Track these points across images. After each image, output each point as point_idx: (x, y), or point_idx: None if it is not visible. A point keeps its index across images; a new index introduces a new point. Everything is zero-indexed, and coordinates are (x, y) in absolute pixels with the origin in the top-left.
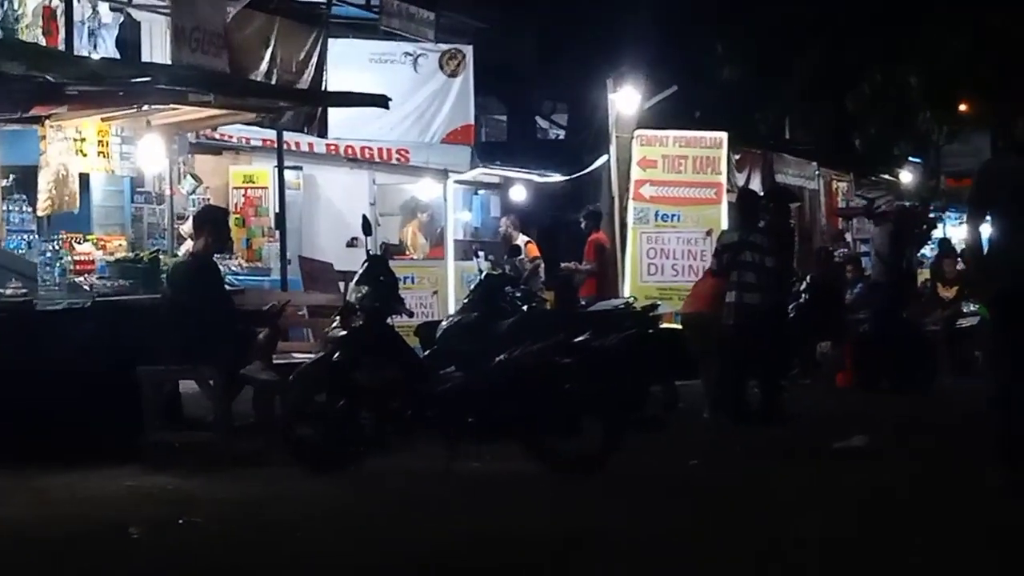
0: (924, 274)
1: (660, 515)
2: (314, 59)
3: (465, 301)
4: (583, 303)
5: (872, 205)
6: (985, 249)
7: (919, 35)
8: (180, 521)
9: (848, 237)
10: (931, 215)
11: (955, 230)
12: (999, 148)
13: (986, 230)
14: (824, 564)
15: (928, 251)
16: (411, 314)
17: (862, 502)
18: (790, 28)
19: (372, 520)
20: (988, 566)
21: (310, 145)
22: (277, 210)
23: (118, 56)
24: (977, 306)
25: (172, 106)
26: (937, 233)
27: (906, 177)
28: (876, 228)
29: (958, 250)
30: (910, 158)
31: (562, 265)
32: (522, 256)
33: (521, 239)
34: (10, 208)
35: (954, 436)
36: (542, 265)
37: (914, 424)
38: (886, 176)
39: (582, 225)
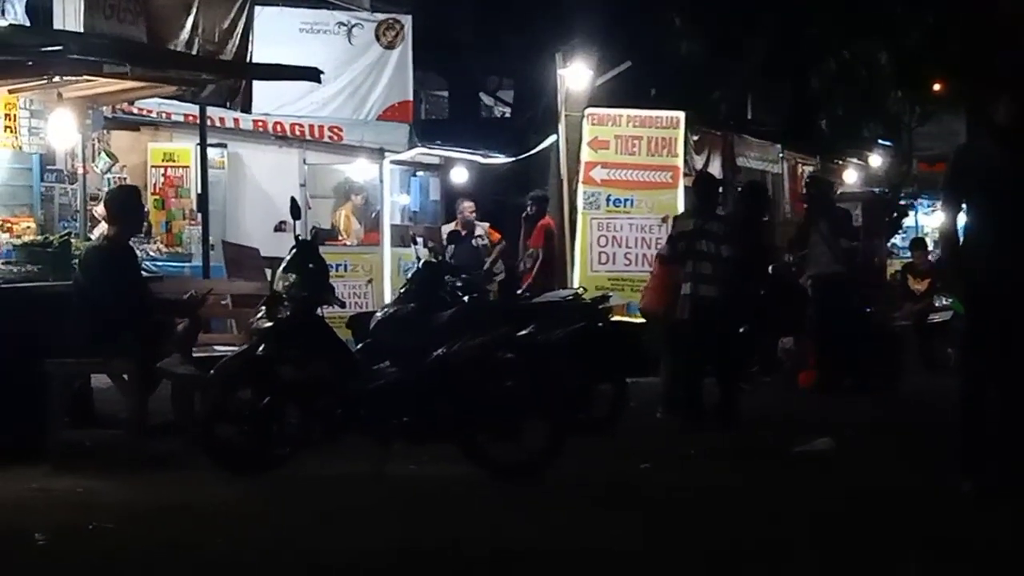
0: (894, 264)
1: (607, 526)
2: (239, 28)
3: (402, 291)
4: (527, 294)
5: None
6: (960, 239)
7: (885, 8)
8: (90, 527)
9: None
10: (902, 202)
11: (928, 218)
12: (974, 132)
13: (962, 219)
14: (780, 556)
15: (899, 240)
16: (343, 304)
17: (818, 498)
18: (744, 8)
19: (294, 529)
20: (951, 567)
21: (235, 121)
22: (199, 191)
23: (27, 23)
24: (951, 300)
25: (85, 78)
26: (909, 221)
27: (875, 161)
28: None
29: (930, 240)
30: (880, 141)
31: (528, 252)
32: (485, 242)
33: (482, 225)
34: None
35: (922, 439)
36: (502, 249)
37: (877, 426)
38: (854, 160)
39: (529, 210)
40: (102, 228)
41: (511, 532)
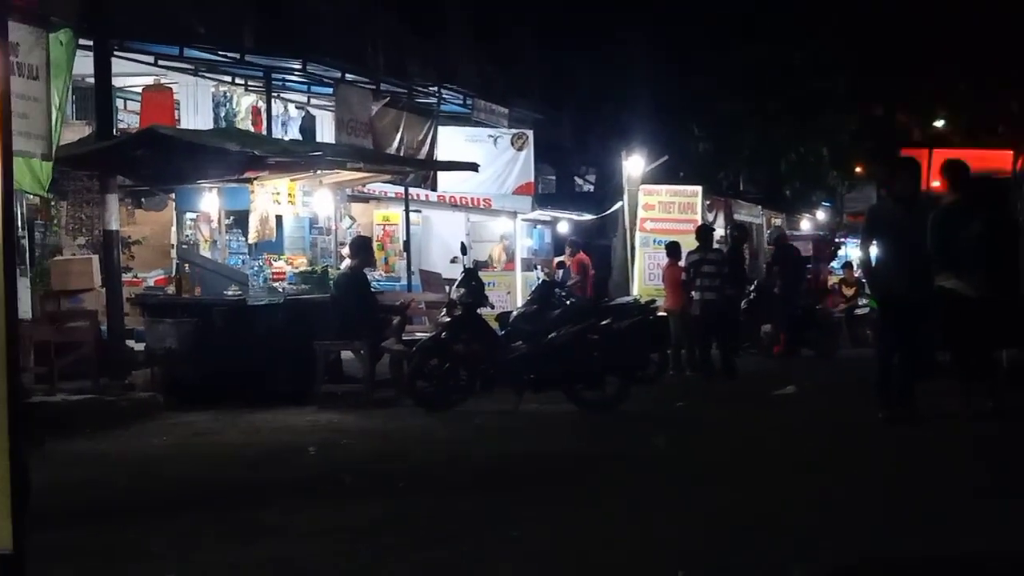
0: (834, 279)
1: (656, 438)
2: (428, 139)
3: (528, 298)
4: (606, 299)
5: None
6: (873, 264)
7: (825, 120)
8: (341, 442)
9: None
10: (836, 240)
11: (853, 251)
12: (881, 196)
13: (873, 251)
14: (763, 459)
15: (836, 264)
16: (493, 307)
17: (788, 426)
18: (739, 117)
19: (463, 442)
20: (870, 464)
21: (426, 196)
22: (405, 238)
23: (301, 138)
24: (868, 300)
25: (336, 171)
26: (841, 253)
27: (820, 215)
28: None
29: (855, 264)
30: (823, 203)
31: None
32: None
33: (580, 257)
34: (230, 238)
35: (852, 387)
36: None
37: (825, 379)
38: (807, 214)
39: (567, 251)
40: (347, 262)
41: (594, 444)
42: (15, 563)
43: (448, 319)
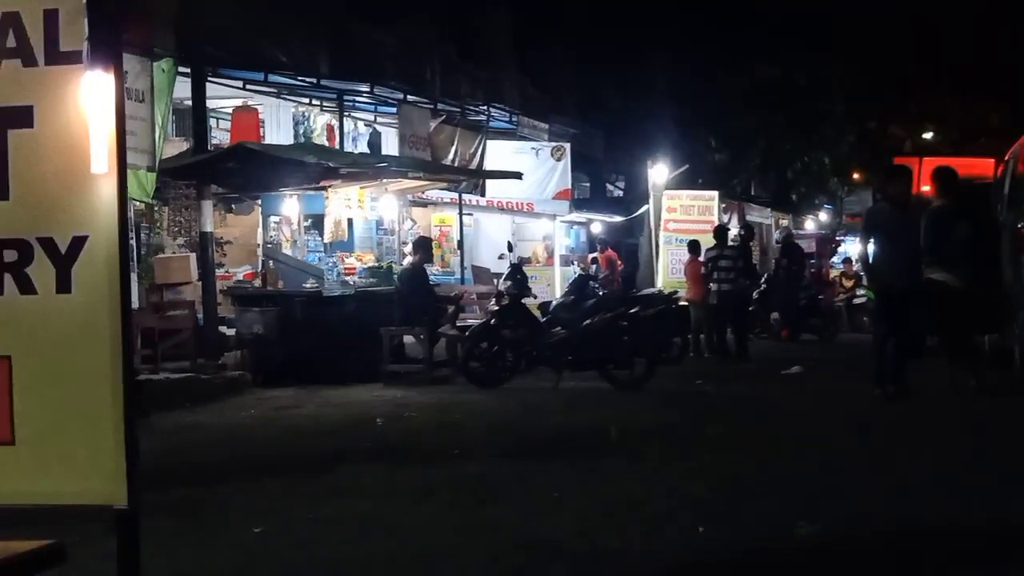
0: (835, 272)
1: (679, 413)
2: (479, 152)
3: (566, 290)
4: (634, 290)
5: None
6: (870, 259)
7: (826, 133)
8: (405, 415)
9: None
10: (837, 238)
11: (851, 247)
12: (876, 200)
13: (870, 248)
14: (772, 430)
15: (837, 259)
16: (535, 297)
17: (795, 401)
18: (751, 131)
19: (510, 415)
20: (866, 435)
21: (477, 201)
22: (458, 238)
23: (368, 151)
24: (867, 291)
25: (399, 179)
26: (841, 249)
27: (823, 216)
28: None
29: (854, 260)
30: (825, 205)
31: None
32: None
33: (608, 253)
34: (308, 238)
35: (851, 367)
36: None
37: (826, 360)
38: (811, 216)
39: (598, 248)
40: (409, 258)
41: (623, 417)
42: (130, 517)
43: (496, 308)
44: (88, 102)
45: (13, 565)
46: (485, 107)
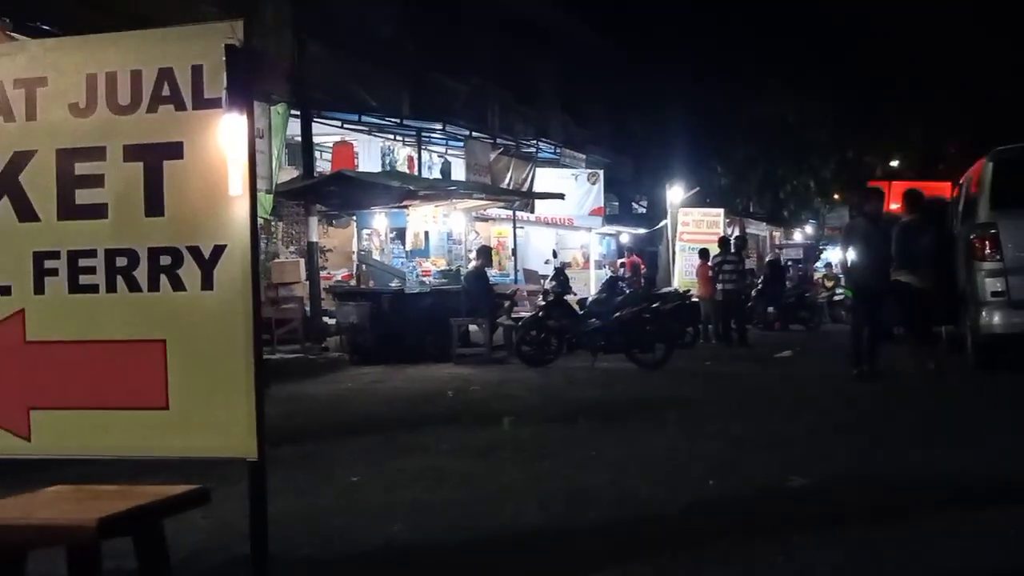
0: (818, 275)
1: (692, 388)
2: (530, 177)
3: (599, 289)
4: (653, 289)
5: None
6: (849, 264)
7: (812, 162)
8: (471, 388)
9: (781, 259)
10: (820, 247)
11: (832, 254)
12: (853, 215)
13: (850, 255)
14: (769, 401)
15: (820, 264)
16: (575, 294)
17: (787, 378)
18: (750, 159)
19: (555, 388)
20: (846, 405)
21: (527, 216)
22: (513, 247)
23: (441, 177)
24: (845, 289)
25: (465, 200)
26: (824, 256)
27: (808, 229)
28: (769, 257)
29: (834, 264)
30: (810, 220)
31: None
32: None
33: (632, 259)
34: (393, 246)
35: (832, 351)
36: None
37: (811, 345)
38: (798, 229)
39: (625, 254)
40: (473, 263)
41: (647, 391)
42: (259, 467)
43: (543, 303)
44: (226, 138)
45: (171, 503)
46: (535, 141)
